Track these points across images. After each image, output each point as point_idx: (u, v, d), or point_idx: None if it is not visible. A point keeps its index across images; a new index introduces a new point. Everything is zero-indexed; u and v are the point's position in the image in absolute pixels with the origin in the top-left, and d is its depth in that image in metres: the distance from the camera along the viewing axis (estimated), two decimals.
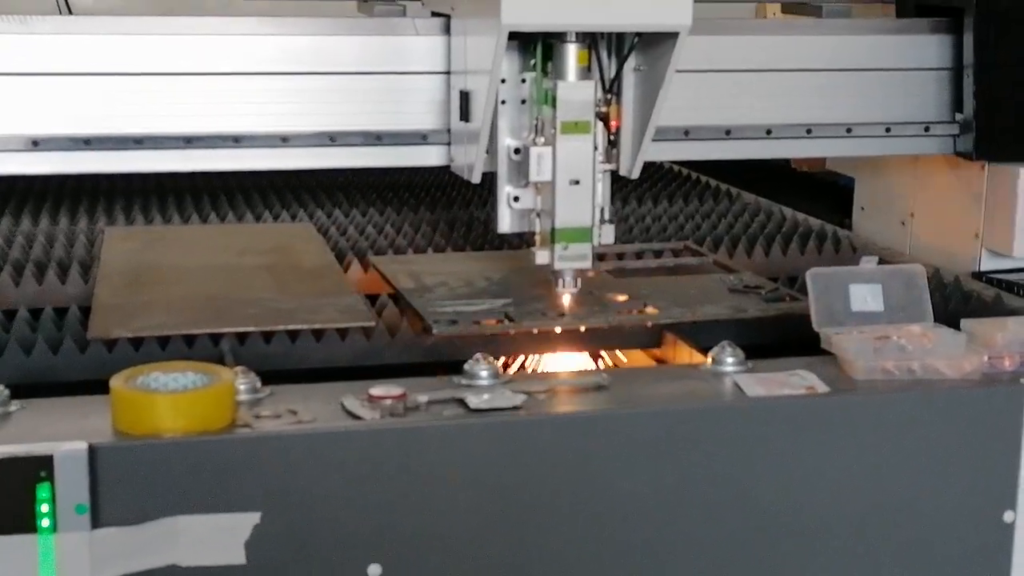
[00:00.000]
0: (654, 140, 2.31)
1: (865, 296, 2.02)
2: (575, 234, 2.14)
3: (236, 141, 2.31)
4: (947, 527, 1.92)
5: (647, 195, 3.30)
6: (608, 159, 2.19)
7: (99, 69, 2.24)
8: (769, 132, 2.56)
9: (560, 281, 2.20)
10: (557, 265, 2.17)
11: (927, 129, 2.63)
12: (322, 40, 2.34)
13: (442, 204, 3.14)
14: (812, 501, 1.87)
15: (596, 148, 2.14)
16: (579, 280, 2.21)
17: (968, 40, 2.57)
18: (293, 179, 3.36)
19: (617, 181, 2.56)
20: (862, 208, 3.09)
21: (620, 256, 2.67)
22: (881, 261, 2.18)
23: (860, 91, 2.60)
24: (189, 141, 2.29)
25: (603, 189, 2.19)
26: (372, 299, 2.30)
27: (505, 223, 2.23)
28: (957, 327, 2.01)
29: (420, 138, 2.38)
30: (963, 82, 2.59)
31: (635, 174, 2.24)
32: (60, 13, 3.19)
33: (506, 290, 2.31)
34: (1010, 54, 2.55)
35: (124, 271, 2.36)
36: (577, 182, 2.13)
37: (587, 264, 2.18)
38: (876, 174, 3.02)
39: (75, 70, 2.23)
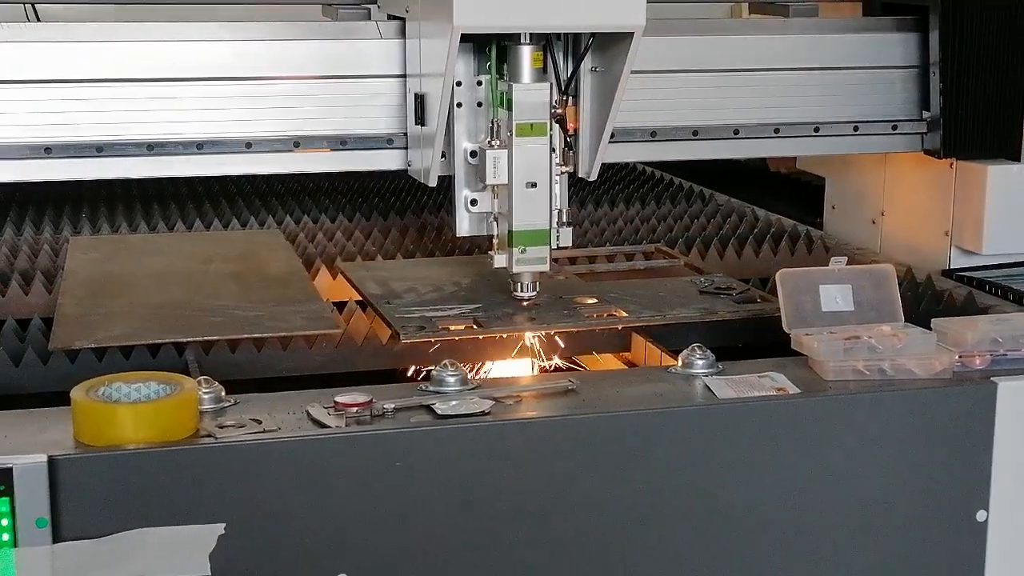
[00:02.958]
0: (621, 141, 2.29)
1: (835, 296, 2.02)
2: (532, 237, 2.13)
3: (199, 147, 2.29)
4: (920, 527, 1.92)
5: (619, 197, 3.29)
6: (565, 161, 2.18)
7: (58, 76, 2.22)
8: (737, 132, 2.56)
9: (518, 285, 2.19)
10: (515, 268, 2.16)
11: (895, 127, 2.63)
12: (285, 45, 2.32)
13: (412, 209, 3.12)
14: (783, 503, 1.86)
15: (553, 150, 2.12)
16: (537, 284, 2.19)
17: (934, 38, 2.57)
18: (262, 185, 3.34)
19: (589, 183, 2.55)
20: (833, 207, 3.09)
21: (591, 259, 2.65)
22: (851, 261, 2.18)
23: (827, 90, 2.60)
24: (151, 148, 2.27)
25: (561, 191, 2.18)
26: (340, 306, 2.28)
27: (463, 227, 2.23)
28: (928, 326, 2.00)
29: (385, 142, 2.37)
30: (930, 80, 2.60)
31: (593, 176, 2.23)
32: (28, 20, 3.16)
33: (475, 295, 2.29)
34: (976, 51, 2.55)
35: (88, 281, 2.33)
36: (534, 184, 2.12)
37: (545, 267, 2.17)
38: (846, 173, 3.02)
39: (34, 77, 2.21)
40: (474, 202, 2.20)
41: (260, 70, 2.31)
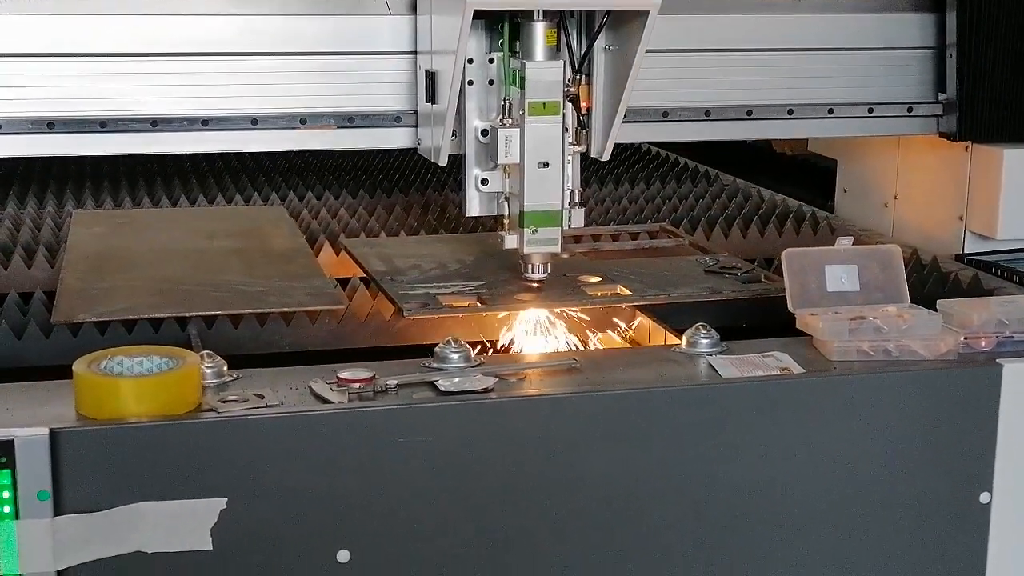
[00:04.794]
0: (632, 121, 2.27)
1: (841, 276, 2.01)
2: (544, 217, 2.11)
3: (204, 124, 2.27)
4: (923, 508, 1.91)
5: (625, 176, 3.28)
6: (578, 141, 2.15)
7: (61, 50, 2.20)
8: (750, 113, 2.53)
9: (528, 266, 2.17)
10: (526, 249, 2.13)
11: (910, 109, 2.60)
12: (292, 20, 2.30)
13: (416, 186, 3.12)
14: (787, 483, 1.85)
15: (566, 129, 2.10)
16: (548, 265, 2.17)
17: (951, 18, 2.54)
18: (266, 160, 3.34)
19: (595, 163, 2.53)
20: (844, 190, 3.07)
21: (596, 238, 2.64)
22: (858, 242, 2.16)
23: (842, 71, 2.56)
24: (155, 124, 2.25)
25: (573, 171, 2.16)
26: (343, 282, 2.27)
27: (474, 206, 2.20)
28: (934, 307, 1.99)
29: (393, 120, 2.34)
30: (946, 61, 2.56)
31: (606, 156, 2.21)
32: None
33: (479, 272, 2.29)
34: (994, 32, 2.52)
35: (91, 255, 2.33)
36: (546, 164, 2.09)
37: (556, 249, 2.14)
38: (858, 155, 3.00)
39: (37, 51, 2.19)
40: (485, 181, 2.18)
41: (266, 45, 2.29)
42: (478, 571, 1.76)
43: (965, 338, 1.93)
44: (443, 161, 2.19)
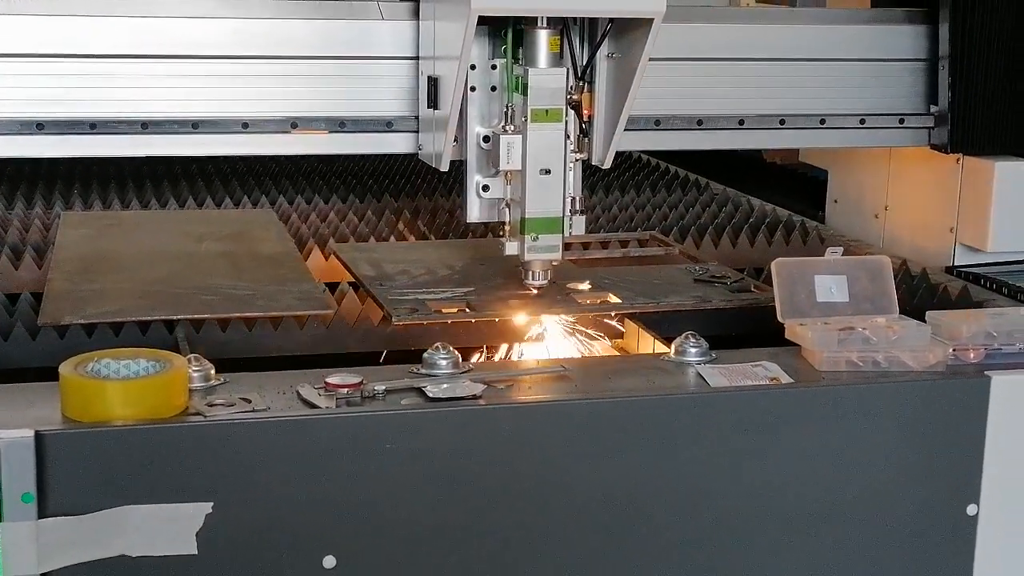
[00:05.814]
0: (625, 129, 2.26)
1: (830, 287, 2.01)
2: (545, 224, 2.11)
3: (195, 127, 2.26)
4: (910, 520, 1.91)
5: (615, 184, 3.28)
6: (580, 148, 2.14)
7: (52, 51, 2.19)
8: (742, 123, 2.53)
9: (529, 274, 2.17)
10: (526, 257, 2.13)
11: (902, 121, 2.60)
12: (284, 23, 2.29)
13: (406, 192, 3.11)
14: (773, 492, 1.85)
15: (568, 137, 2.10)
16: (548, 273, 2.17)
17: (944, 31, 2.54)
18: (256, 164, 3.33)
19: (586, 170, 2.53)
20: (835, 201, 3.07)
21: (586, 245, 2.64)
22: (847, 252, 2.17)
23: (834, 82, 2.56)
24: (146, 126, 2.24)
25: (574, 179, 2.15)
26: (332, 287, 2.27)
27: (474, 212, 2.19)
28: (923, 319, 1.99)
29: (385, 125, 2.34)
30: (938, 73, 2.57)
31: (607, 163, 2.20)
32: None
33: (469, 279, 2.28)
34: (986, 45, 2.52)
35: (79, 257, 2.32)
36: (548, 171, 2.09)
37: (557, 256, 2.14)
38: (850, 166, 3.00)
39: (27, 51, 2.18)
40: (486, 187, 2.17)
41: (258, 48, 2.28)
42: None
43: (954, 350, 1.94)
44: (444, 167, 2.18)
